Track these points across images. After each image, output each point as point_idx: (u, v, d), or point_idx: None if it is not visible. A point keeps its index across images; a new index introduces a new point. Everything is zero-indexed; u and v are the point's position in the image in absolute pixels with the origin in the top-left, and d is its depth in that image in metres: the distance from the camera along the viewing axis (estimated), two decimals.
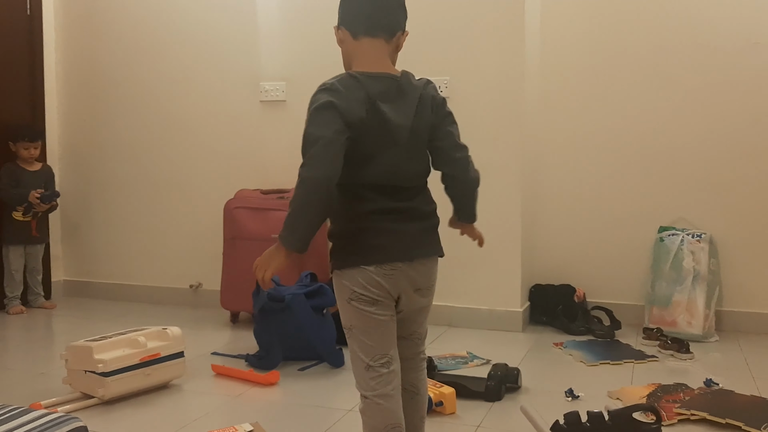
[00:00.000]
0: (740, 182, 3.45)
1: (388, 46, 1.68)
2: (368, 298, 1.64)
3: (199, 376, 2.83)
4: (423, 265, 1.71)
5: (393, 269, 1.65)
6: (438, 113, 1.71)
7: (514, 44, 3.43)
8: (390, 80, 1.66)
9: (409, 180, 1.69)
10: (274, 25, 3.88)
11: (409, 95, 1.67)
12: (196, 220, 4.07)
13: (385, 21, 1.67)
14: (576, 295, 3.57)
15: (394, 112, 1.63)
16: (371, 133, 1.61)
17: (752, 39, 3.40)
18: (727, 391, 2.59)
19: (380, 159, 1.63)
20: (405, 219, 1.68)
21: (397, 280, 1.66)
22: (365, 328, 1.67)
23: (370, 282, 1.63)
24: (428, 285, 1.75)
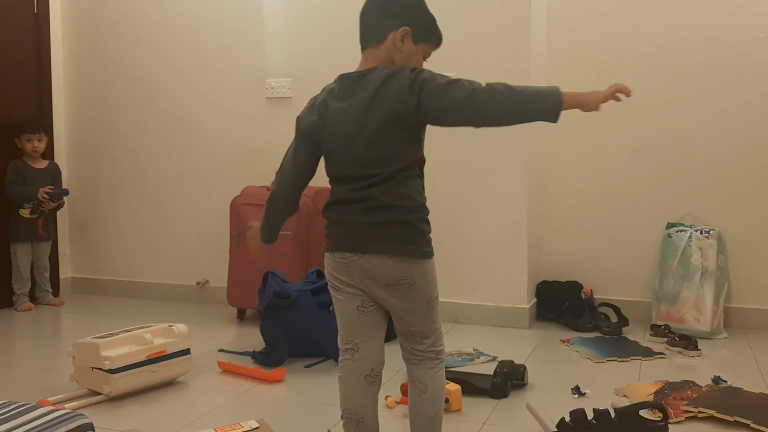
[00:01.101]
0: (749, 178, 3.43)
1: (380, 51, 1.77)
2: (332, 283, 1.79)
3: (205, 372, 2.84)
4: (379, 260, 1.69)
5: (343, 258, 1.73)
6: (413, 94, 1.66)
7: (520, 39, 3.41)
8: (355, 77, 1.75)
9: (361, 168, 1.70)
10: (279, 21, 3.88)
11: (368, 88, 1.71)
12: (202, 216, 4.07)
13: (370, 34, 1.80)
14: (583, 292, 3.55)
15: (344, 107, 1.73)
16: (325, 131, 1.76)
17: (761, 33, 3.37)
18: (736, 388, 2.57)
19: (336, 152, 1.75)
20: (358, 210, 1.71)
21: (350, 271, 1.73)
22: (336, 310, 1.81)
23: (332, 267, 1.77)
24: (392, 281, 1.70)
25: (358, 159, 1.71)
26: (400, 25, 1.76)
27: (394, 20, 1.77)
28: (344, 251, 1.72)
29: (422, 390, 1.78)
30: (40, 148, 4.05)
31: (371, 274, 1.70)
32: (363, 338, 1.77)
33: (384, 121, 1.68)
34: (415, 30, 1.77)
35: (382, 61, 1.76)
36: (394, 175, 1.69)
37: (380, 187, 1.69)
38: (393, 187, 1.69)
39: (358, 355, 1.77)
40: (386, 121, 1.68)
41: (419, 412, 1.79)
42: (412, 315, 1.75)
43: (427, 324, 1.77)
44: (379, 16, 1.80)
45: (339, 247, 1.74)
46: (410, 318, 1.76)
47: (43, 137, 4.07)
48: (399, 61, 1.76)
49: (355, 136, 1.70)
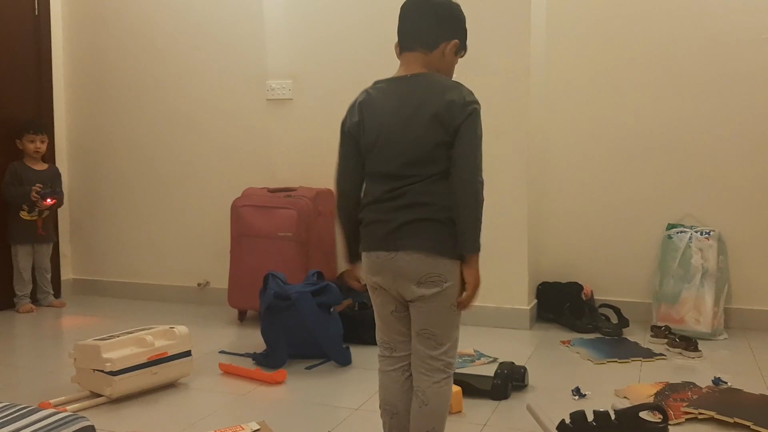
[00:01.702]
0: (749, 179, 3.43)
1: (427, 57, 1.79)
2: (369, 283, 1.83)
3: (206, 374, 2.84)
4: (411, 256, 1.71)
5: (378, 258, 1.76)
6: (459, 119, 1.71)
7: (519, 39, 3.41)
8: (400, 80, 1.79)
9: (402, 168, 1.72)
10: (280, 23, 3.88)
11: (420, 90, 1.75)
12: (203, 218, 4.08)
13: (421, 38, 1.80)
14: (583, 293, 3.55)
15: (393, 105, 1.76)
16: (367, 127, 1.78)
17: (761, 34, 3.37)
18: (736, 389, 2.57)
19: (379, 147, 1.76)
20: (393, 208, 1.73)
21: (384, 272, 1.75)
22: (374, 308, 1.87)
23: (368, 268, 1.80)
24: (423, 279, 1.72)
25: (402, 156, 1.73)
26: (451, 37, 1.81)
27: (448, 31, 1.82)
28: (378, 250, 1.75)
29: (424, 403, 1.77)
30: (41, 149, 4.05)
31: (403, 272, 1.73)
32: (400, 339, 1.83)
33: (431, 123, 1.71)
34: (461, 43, 1.84)
35: (429, 67, 1.79)
36: (431, 177, 1.72)
37: (417, 186, 1.72)
38: (428, 186, 1.72)
39: (396, 353, 1.84)
40: (433, 124, 1.71)
41: (417, 424, 1.80)
42: (435, 315, 1.76)
43: (447, 328, 1.78)
44: (434, 24, 1.82)
45: (373, 246, 1.76)
46: (433, 318, 1.76)
47: (45, 138, 4.08)
48: (441, 69, 1.80)
49: (401, 134, 1.73)
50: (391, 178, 1.74)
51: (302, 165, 3.86)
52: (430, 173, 1.72)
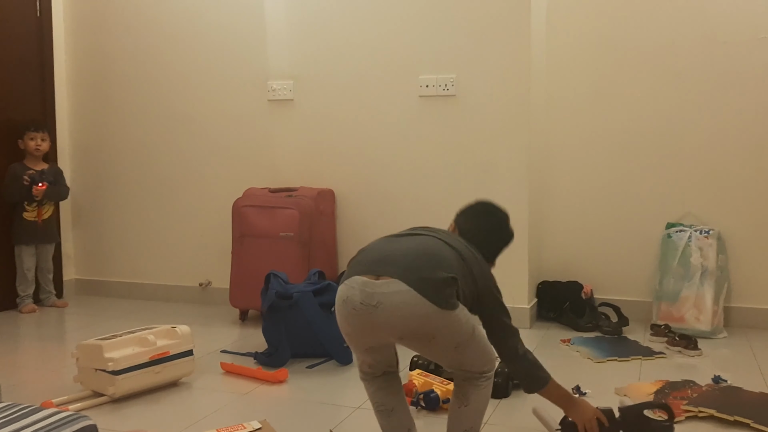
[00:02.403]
0: (748, 178, 3.44)
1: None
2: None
3: (208, 373, 2.85)
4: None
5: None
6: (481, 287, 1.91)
7: (520, 41, 3.42)
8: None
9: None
10: (281, 24, 3.89)
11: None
12: (205, 218, 4.09)
13: (488, 252, 2.02)
14: (583, 292, 3.56)
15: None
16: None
17: (760, 33, 3.38)
18: (736, 387, 2.58)
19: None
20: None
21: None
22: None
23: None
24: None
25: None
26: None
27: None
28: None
29: (464, 403, 1.81)
30: (42, 147, 4.06)
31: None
32: (382, 362, 1.90)
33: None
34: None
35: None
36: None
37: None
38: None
39: (378, 369, 1.89)
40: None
41: (457, 421, 1.84)
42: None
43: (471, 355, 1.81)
44: (496, 251, 2.05)
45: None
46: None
47: (46, 137, 4.08)
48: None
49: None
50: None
51: (303, 165, 3.87)
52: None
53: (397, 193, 3.69)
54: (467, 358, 1.77)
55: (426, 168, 3.64)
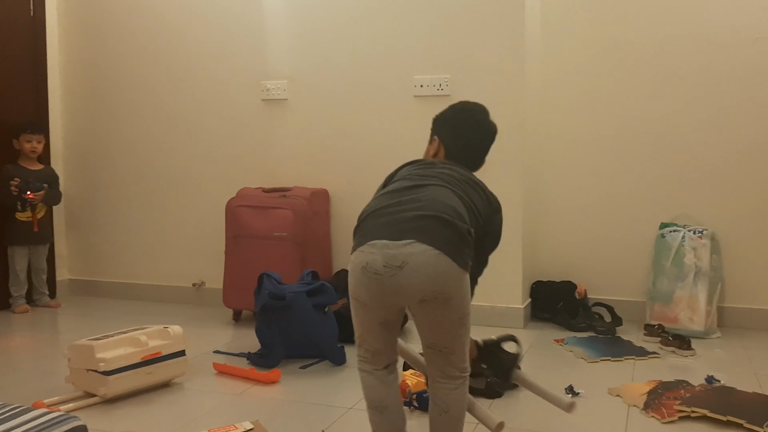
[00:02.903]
0: (742, 178, 3.44)
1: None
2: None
3: (200, 374, 2.84)
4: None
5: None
6: (488, 213, 2.01)
7: (514, 41, 3.42)
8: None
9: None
10: (277, 23, 3.88)
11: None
12: (199, 218, 4.08)
13: (476, 163, 2.07)
14: (577, 292, 3.57)
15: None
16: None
17: (755, 34, 3.38)
18: (729, 388, 2.58)
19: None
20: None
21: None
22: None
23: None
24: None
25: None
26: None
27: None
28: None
29: (444, 410, 1.79)
30: (38, 149, 4.05)
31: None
32: (385, 344, 1.86)
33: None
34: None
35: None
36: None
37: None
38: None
39: (378, 356, 1.84)
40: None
41: (440, 429, 1.81)
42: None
43: (457, 338, 1.79)
44: (484, 152, 2.05)
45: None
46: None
47: (42, 139, 4.07)
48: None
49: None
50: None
51: (297, 165, 3.86)
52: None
53: None
54: (459, 341, 1.76)
55: None
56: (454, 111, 2.04)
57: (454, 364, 1.77)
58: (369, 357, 1.84)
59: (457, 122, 2.01)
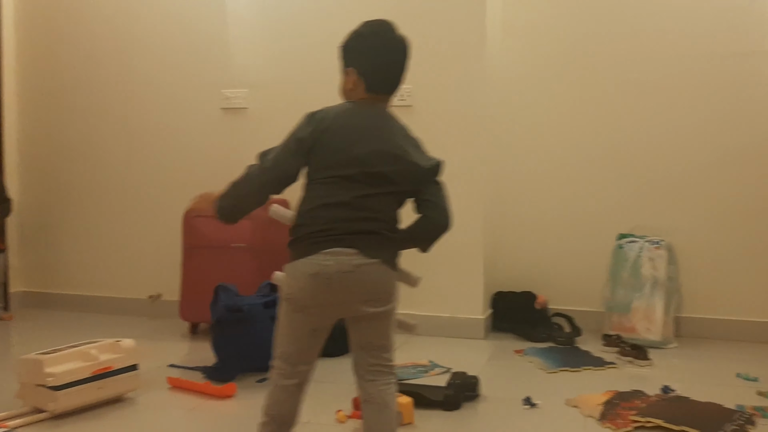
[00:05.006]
0: (698, 190, 3.49)
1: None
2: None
3: (154, 388, 2.78)
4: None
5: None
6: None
7: (475, 52, 3.44)
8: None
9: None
10: (240, 32, 3.85)
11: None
12: (156, 229, 4.01)
13: (396, 87, 1.90)
14: (537, 302, 3.58)
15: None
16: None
17: (715, 48, 3.44)
18: (684, 397, 2.60)
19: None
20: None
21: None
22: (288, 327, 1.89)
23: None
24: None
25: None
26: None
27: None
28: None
29: (381, 407, 1.77)
30: None
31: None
32: (311, 355, 1.84)
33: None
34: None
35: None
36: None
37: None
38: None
39: (298, 368, 1.82)
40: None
41: (382, 429, 1.78)
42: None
43: (392, 336, 1.83)
44: (404, 74, 1.89)
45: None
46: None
47: None
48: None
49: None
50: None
51: None
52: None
53: None
54: (392, 339, 1.82)
55: None
56: (368, 37, 1.85)
57: (387, 362, 1.81)
58: (288, 370, 1.81)
59: (374, 49, 1.83)
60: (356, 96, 1.83)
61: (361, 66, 1.82)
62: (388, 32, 1.87)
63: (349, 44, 1.87)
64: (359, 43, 1.85)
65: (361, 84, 1.81)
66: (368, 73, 1.81)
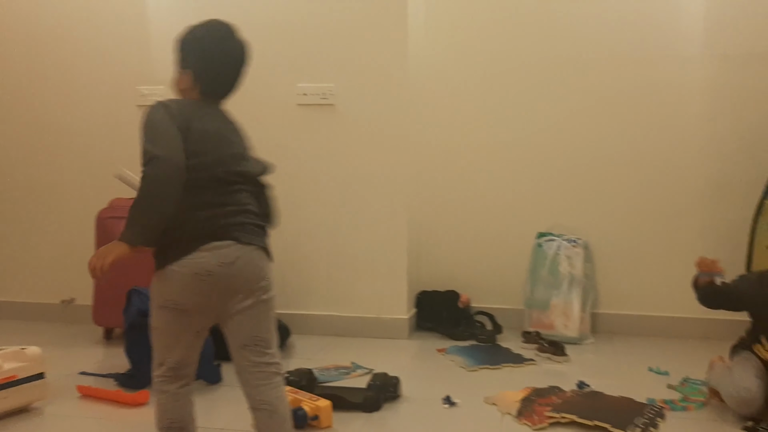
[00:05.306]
0: (612, 190, 3.58)
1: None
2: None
3: (63, 398, 2.66)
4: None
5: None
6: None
7: (397, 51, 3.43)
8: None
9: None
10: (160, 28, 3.71)
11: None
12: (68, 230, 3.85)
13: (234, 90, 1.93)
14: (460, 301, 3.61)
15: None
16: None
17: (624, 52, 3.54)
18: (598, 392, 2.66)
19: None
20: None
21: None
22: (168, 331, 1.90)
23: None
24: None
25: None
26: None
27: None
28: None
29: (272, 411, 1.75)
30: None
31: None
32: (193, 358, 1.85)
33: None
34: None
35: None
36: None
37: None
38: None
39: (182, 371, 1.82)
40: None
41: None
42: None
43: (273, 329, 1.84)
44: (241, 80, 1.90)
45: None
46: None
47: None
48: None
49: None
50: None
51: None
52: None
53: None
54: (274, 336, 1.81)
55: (305, 178, 3.57)
56: (207, 41, 1.83)
57: (272, 360, 1.79)
58: (172, 375, 1.80)
59: (213, 55, 1.81)
60: (191, 96, 1.83)
61: (197, 69, 1.81)
62: (228, 38, 1.86)
63: (187, 44, 1.85)
64: (198, 45, 1.83)
65: (197, 87, 1.81)
66: (204, 78, 1.81)
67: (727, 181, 3.43)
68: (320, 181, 3.56)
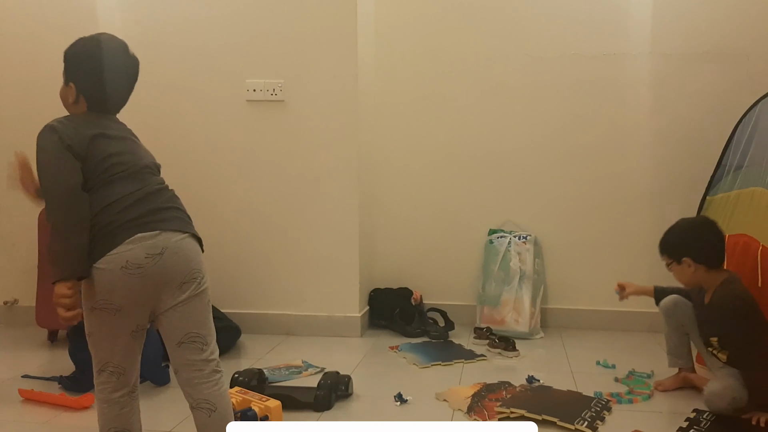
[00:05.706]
0: (560, 186, 3.64)
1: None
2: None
3: (4, 402, 2.58)
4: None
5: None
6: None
7: (347, 48, 3.41)
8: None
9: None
10: (100, 22, 3.62)
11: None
12: (10, 229, 3.72)
13: (124, 102, 1.95)
14: (413, 298, 3.62)
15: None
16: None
17: (570, 50, 3.59)
18: (546, 387, 2.70)
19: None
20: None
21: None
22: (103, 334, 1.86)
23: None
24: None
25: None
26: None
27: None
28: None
29: (211, 409, 1.73)
30: None
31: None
32: (133, 360, 1.79)
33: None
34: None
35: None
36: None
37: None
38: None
39: (125, 376, 1.77)
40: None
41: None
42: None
43: (209, 325, 1.81)
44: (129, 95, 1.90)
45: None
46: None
47: None
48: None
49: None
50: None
51: None
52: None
53: (223, 200, 3.54)
54: (211, 331, 1.79)
55: (254, 174, 3.53)
56: (95, 58, 1.78)
57: (211, 357, 1.76)
58: (114, 381, 1.76)
59: (100, 73, 1.78)
60: (78, 110, 1.81)
61: (84, 85, 1.78)
62: (117, 55, 1.83)
63: (74, 58, 1.80)
64: (85, 62, 1.80)
65: (82, 101, 1.79)
66: (88, 92, 1.79)
67: (671, 177, 3.52)
68: (271, 178, 3.52)
